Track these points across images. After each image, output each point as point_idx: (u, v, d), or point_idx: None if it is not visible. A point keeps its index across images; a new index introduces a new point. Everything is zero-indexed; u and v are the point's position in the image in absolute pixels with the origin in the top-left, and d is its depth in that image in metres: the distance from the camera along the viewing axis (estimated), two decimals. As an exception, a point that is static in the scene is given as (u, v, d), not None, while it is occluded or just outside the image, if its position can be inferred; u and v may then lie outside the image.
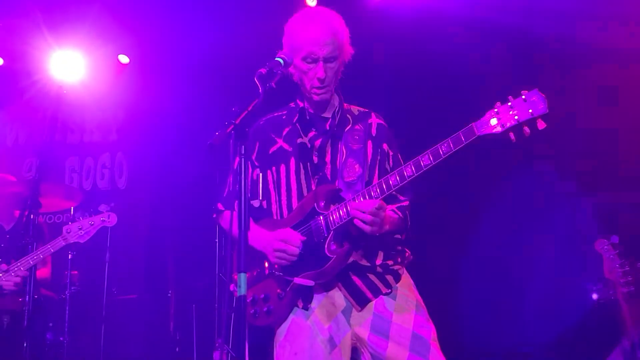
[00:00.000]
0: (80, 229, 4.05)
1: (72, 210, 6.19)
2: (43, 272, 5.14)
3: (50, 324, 5.18)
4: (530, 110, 2.45)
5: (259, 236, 2.87)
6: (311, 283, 2.75)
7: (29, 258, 3.92)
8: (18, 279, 3.97)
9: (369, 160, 2.93)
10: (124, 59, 6.80)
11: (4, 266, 3.99)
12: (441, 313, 3.23)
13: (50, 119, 7.24)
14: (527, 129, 2.48)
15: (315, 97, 2.94)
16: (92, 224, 4.08)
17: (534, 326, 5.29)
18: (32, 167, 7.22)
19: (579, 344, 4.94)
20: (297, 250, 2.75)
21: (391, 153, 3.01)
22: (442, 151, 2.56)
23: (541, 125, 2.46)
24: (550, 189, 5.45)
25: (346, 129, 2.98)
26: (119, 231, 5.95)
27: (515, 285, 5.52)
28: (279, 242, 2.77)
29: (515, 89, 2.54)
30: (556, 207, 5.36)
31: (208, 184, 6.12)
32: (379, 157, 2.96)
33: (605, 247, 3.80)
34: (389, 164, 2.99)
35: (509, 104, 2.51)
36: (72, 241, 4.01)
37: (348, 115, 3.04)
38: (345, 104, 3.07)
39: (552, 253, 5.41)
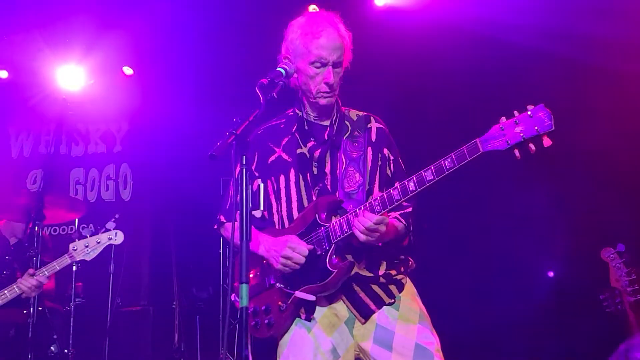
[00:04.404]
0: (86, 246, 3.98)
1: (76, 222, 6.21)
2: (47, 285, 5.13)
3: (55, 336, 5.17)
4: (536, 127, 2.38)
5: (262, 241, 2.84)
6: (312, 298, 2.71)
7: (47, 267, 3.91)
8: (37, 283, 3.92)
9: (369, 168, 2.90)
10: (128, 70, 6.84)
11: (31, 270, 3.95)
12: (446, 320, 3.21)
13: (55, 131, 7.29)
14: (532, 146, 2.41)
15: (323, 102, 2.89)
16: (99, 242, 4.02)
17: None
18: (37, 179, 7.25)
19: (586, 353, 4.90)
20: (303, 260, 2.71)
21: (392, 157, 2.98)
22: (446, 167, 2.51)
23: (547, 142, 2.38)
24: (552, 194, 5.44)
25: (345, 137, 2.95)
26: (123, 243, 5.95)
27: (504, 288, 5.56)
28: (286, 248, 2.73)
29: (521, 99, 2.48)
30: (559, 210, 5.36)
31: (212, 195, 6.14)
32: (379, 163, 2.93)
33: (611, 255, 3.77)
34: (389, 169, 2.96)
35: (515, 119, 2.44)
36: (78, 259, 3.97)
37: (346, 122, 3.00)
38: (343, 108, 3.03)
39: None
